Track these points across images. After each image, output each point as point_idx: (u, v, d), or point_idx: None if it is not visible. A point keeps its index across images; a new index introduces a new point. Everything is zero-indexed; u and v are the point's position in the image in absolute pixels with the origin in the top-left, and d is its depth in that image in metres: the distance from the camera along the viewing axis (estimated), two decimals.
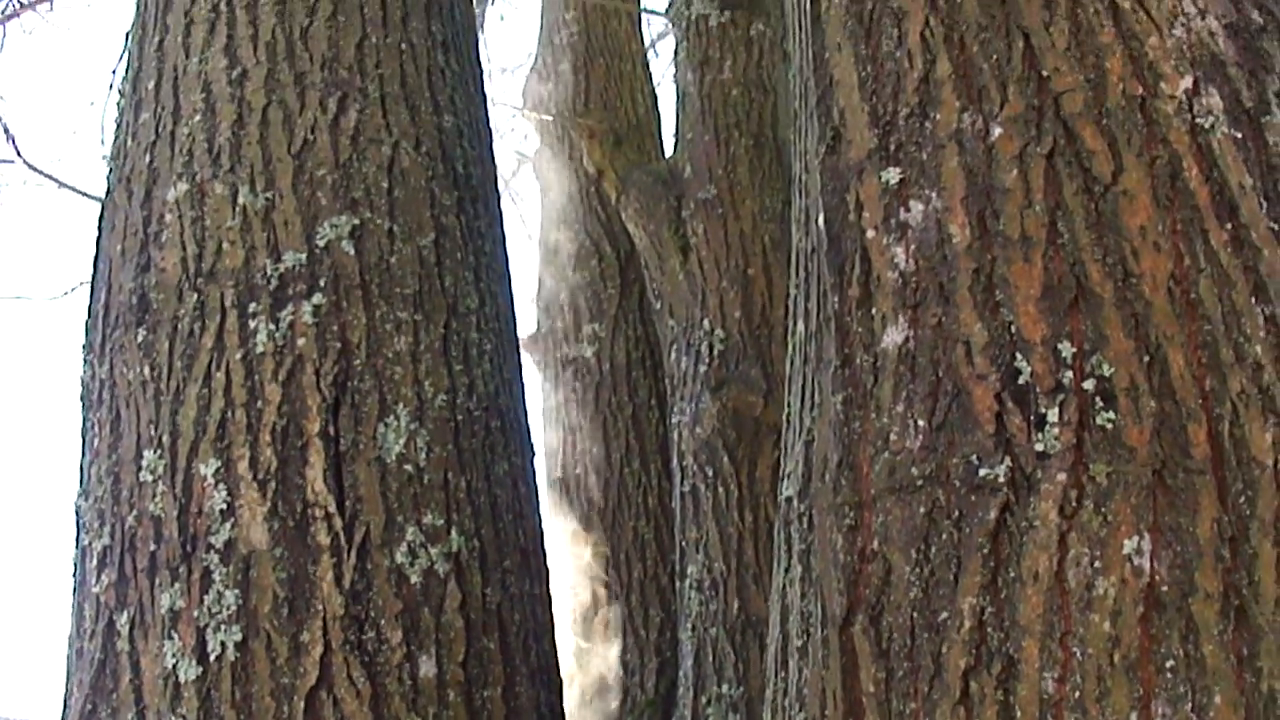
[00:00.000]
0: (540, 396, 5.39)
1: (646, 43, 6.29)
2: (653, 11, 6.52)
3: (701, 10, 4.80)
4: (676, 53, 4.95)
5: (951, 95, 2.32)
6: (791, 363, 2.50)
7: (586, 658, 4.82)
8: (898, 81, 2.39)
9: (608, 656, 4.73)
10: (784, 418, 2.48)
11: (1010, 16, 2.34)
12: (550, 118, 5.51)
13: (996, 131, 2.26)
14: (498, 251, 3.17)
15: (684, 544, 4.17)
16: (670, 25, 5.18)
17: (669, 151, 5.00)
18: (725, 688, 3.96)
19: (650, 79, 5.79)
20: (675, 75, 4.93)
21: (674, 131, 4.87)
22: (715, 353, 4.19)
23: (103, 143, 6.77)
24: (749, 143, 4.54)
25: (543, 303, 5.42)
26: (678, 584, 4.23)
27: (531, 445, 3.07)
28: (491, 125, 3.49)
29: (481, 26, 7.46)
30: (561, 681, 2.91)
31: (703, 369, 4.19)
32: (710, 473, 4.11)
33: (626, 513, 4.91)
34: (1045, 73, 2.28)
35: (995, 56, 2.32)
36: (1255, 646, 1.98)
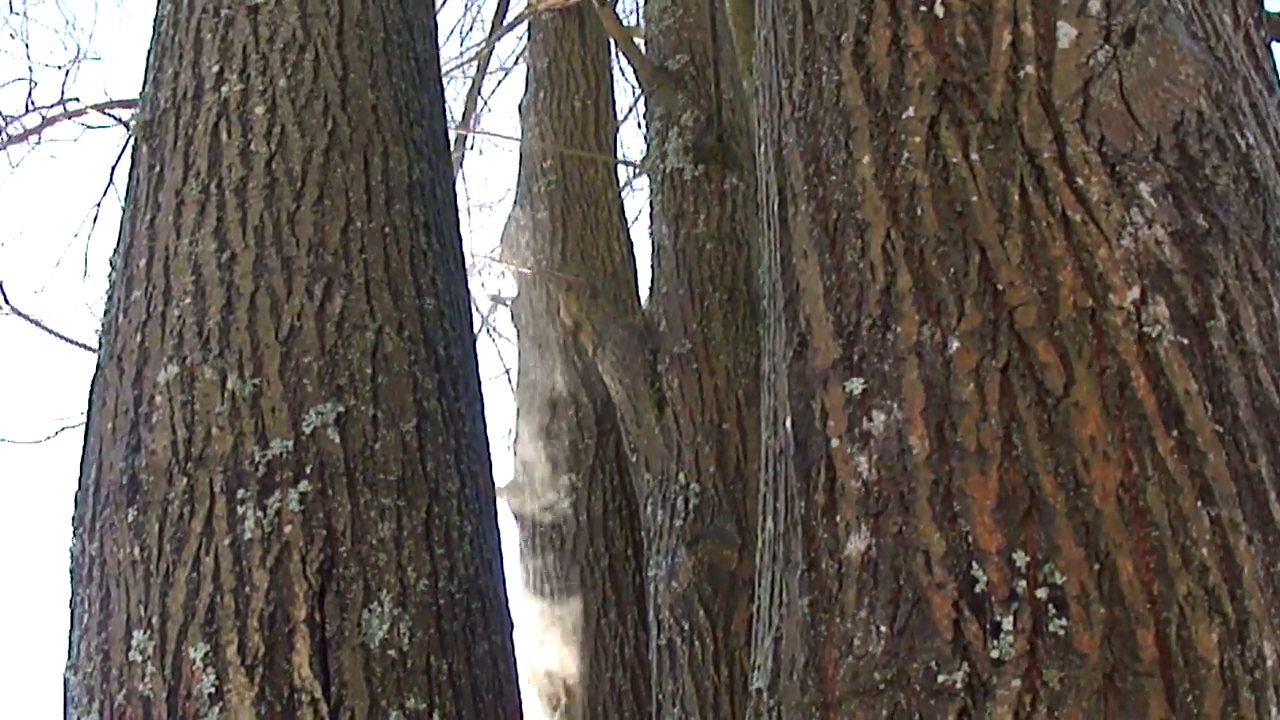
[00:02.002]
0: (517, 546, 5.49)
1: (623, 184, 6.43)
2: (628, 163, 6.68)
3: (675, 164, 4.95)
4: (651, 206, 5.09)
5: (912, 308, 2.46)
6: (761, 558, 2.63)
7: None
8: (861, 292, 2.53)
9: None
10: (754, 609, 2.61)
11: (967, 230, 2.48)
12: (528, 270, 5.65)
13: (954, 345, 2.40)
14: (478, 431, 3.30)
15: (660, 697, 4.26)
16: (646, 176, 5.33)
17: (645, 297, 5.13)
18: None
19: (626, 226, 5.93)
20: (650, 228, 5.07)
21: (649, 283, 5.00)
22: (690, 506, 4.31)
23: (85, 275, 6.90)
24: (723, 296, 4.67)
25: (520, 452, 5.53)
26: None
27: (511, 621, 3.19)
28: (470, 301, 3.63)
29: (460, 165, 7.62)
30: None
31: (678, 523, 4.31)
32: (686, 626, 4.22)
33: (604, 664, 5.01)
34: (1000, 286, 2.42)
35: (953, 270, 2.46)
36: None
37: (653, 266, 4.95)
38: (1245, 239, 2.56)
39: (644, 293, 5.32)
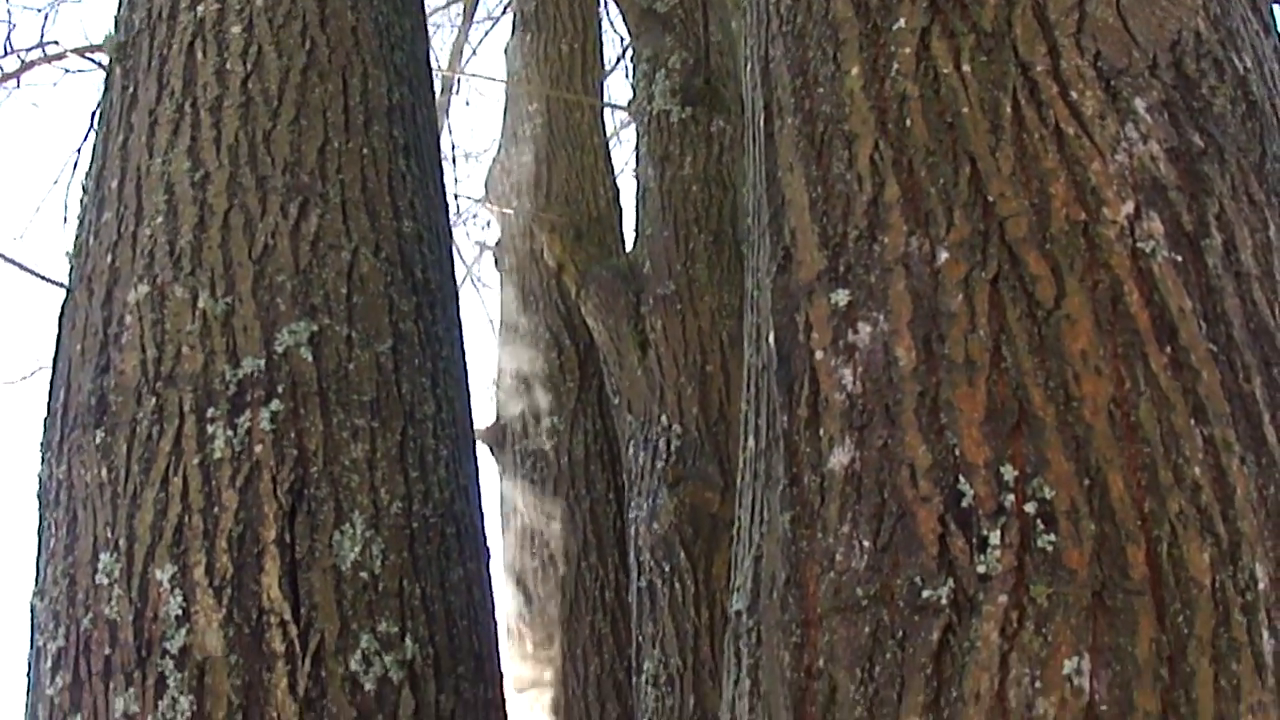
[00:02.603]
0: (498, 488, 5.42)
1: (609, 133, 6.36)
2: (615, 105, 6.60)
3: (663, 106, 4.88)
4: (638, 148, 5.02)
5: (899, 219, 2.39)
6: (742, 477, 2.55)
7: None
8: (847, 204, 2.46)
9: None
10: (734, 531, 2.54)
11: (957, 141, 2.41)
12: (511, 211, 5.58)
13: (943, 256, 2.33)
14: (455, 356, 3.23)
15: (641, 639, 4.20)
16: (632, 120, 5.25)
17: (629, 245, 5.06)
18: None
19: (612, 172, 5.86)
20: (636, 170, 5.00)
21: (634, 226, 4.93)
22: (672, 448, 4.24)
23: (65, 220, 6.81)
24: (708, 239, 4.61)
25: (502, 394, 5.47)
26: (634, 680, 4.27)
27: (487, 550, 3.11)
28: (451, 227, 3.55)
29: (446, 113, 7.54)
30: None
31: (660, 465, 4.24)
32: (667, 569, 4.15)
33: (584, 607, 4.95)
34: (990, 198, 2.35)
35: (942, 180, 2.39)
36: None
37: (638, 209, 4.88)
38: (1242, 160, 2.50)
39: (629, 239, 5.23)
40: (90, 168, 3.39)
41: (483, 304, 7.65)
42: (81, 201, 3.35)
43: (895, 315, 2.32)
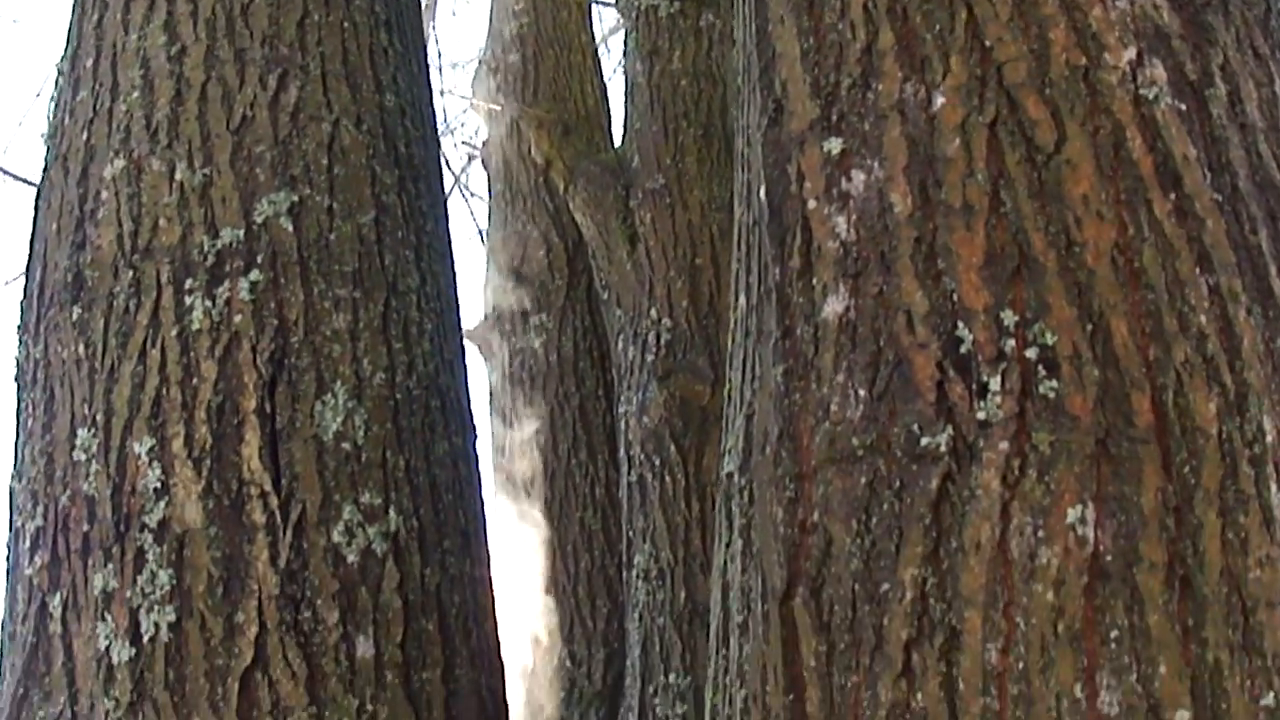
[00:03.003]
0: (486, 388, 5.35)
1: (598, 36, 6.24)
2: (603, 2, 6.48)
3: (651, 1, 4.76)
4: (626, 44, 4.91)
5: (894, 65, 2.29)
6: (733, 338, 2.46)
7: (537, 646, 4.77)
8: (840, 53, 2.35)
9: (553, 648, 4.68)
10: (725, 393, 2.44)
11: None
12: (499, 107, 5.47)
13: (939, 101, 2.23)
14: (439, 232, 3.12)
15: (631, 534, 4.12)
16: (620, 16, 5.14)
17: (618, 144, 4.95)
18: (673, 677, 3.91)
19: (600, 71, 5.74)
20: (624, 66, 4.89)
21: (623, 122, 4.82)
22: (662, 342, 4.15)
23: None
24: (698, 133, 4.50)
25: (490, 293, 5.37)
26: (625, 574, 4.19)
27: (474, 427, 3.02)
28: (435, 107, 3.44)
29: (432, 18, 7.41)
30: (503, 665, 2.86)
31: (650, 358, 4.15)
32: (657, 462, 4.06)
33: (573, 504, 4.86)
34: (988, 43, 2.25)
35: (938, 27, 2.28)
36: (1201, 616, 1.94)
37: (626, 104, 4.77)
38: (1246, 13, 2.41)
39: (617, 138, 5.11)
40: (65, 49, 3.27)
41: (471, 215, 7.53)
42: (57, 83, 3.24)
43: (890, 162, 2.22)
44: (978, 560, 1.97)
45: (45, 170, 3.08)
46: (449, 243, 3.19)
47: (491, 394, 5.31)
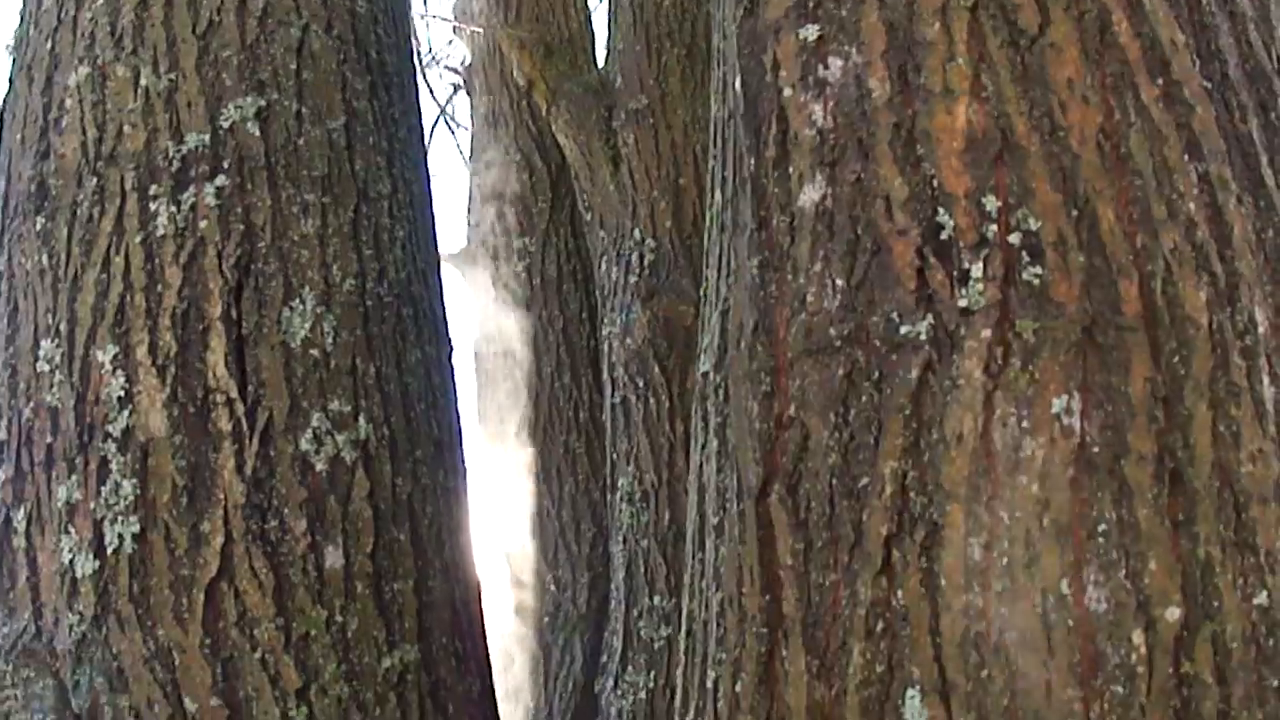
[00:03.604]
0: (470, 312, 5.24)
1: None
2: None
3: None
4: None
5: None
6: (709, 235, 2.34)
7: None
8: None
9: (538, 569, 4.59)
10: (701, 292, 2.33)
11: None
12: (481, 30, 5.34)
13: None
14: (413, 141, 2.99)
15: (615, 457, 4.02)
16: None
17: (601, 64, 4.82)
18: (657, 599, 3.81)
19: None
20: None
21: (606, 42, 4.69)
22: (646, 263, 4.03)
23: None
24: (681, 53, 4.37)
25: (473, 218, 5.25)
26: (609, 498, 4.09)
27: (449, 339, 2.90)
28: (410, 16, 3.31)
29: None
30: (478, 580, 2.75)
31: (633, 279, 4.04)
32: (641, 384, 3.96)
33: (557, 428, 4.76)
34: None
35: None
36: (1191, 511, 1.84)
37: (610, 24, 4.64)
38: None
39: (600, 58, 4.98)
40: None
41: (457, 146, 7.36)
42: None
43: (868, 47, 2.10)
44: (960, 452, 1.86)
45: (10, 82, 2.95)
46: (423, 152, 3.06)
47: (474, 317, 5.20)
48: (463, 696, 2.55)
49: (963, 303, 1.91)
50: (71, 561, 2.42)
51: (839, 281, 1.99)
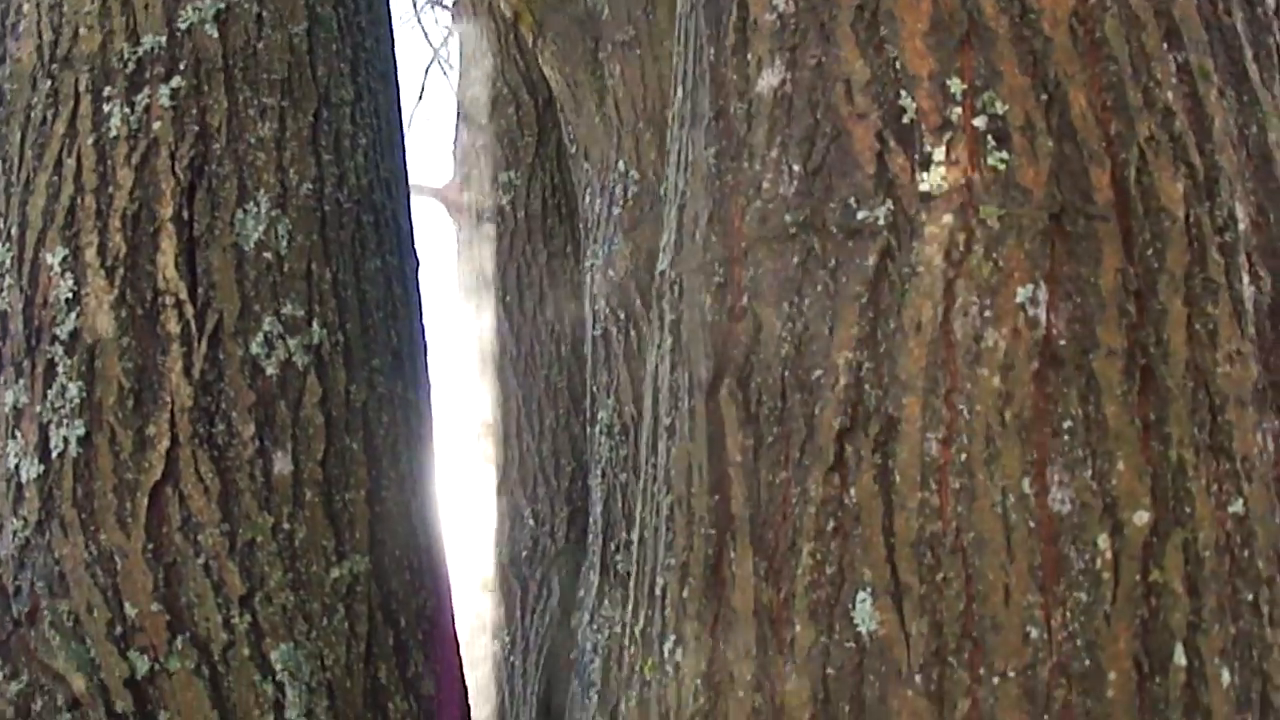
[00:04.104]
0: (455, 247, 5.12)
1: None
2: None
3: None
4: None
5: None
6: (671, 131, 2.20)
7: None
8: None
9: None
10: (661, 191, 2.19)
11: None
12: None
13: None
14: (381, 52, 2.85)
15: (595, 389, 3.88)
16: None
17: None
18: (634, 533, 3.68)
19: None
20: None
21: None
22: (629, 194, 3.89)
23: None
24: None
25: (459, 152, 5.13)
26: (589, 430, 3.96)
27: (415, 252, 2.76)
28: None
29: None
30: (436, 493, 2.62)
31: (616, 211, 3.90)
32: (622, 315, 3.82)
33: (538, 361, 4.63)
34: None
35: None
36: (1164, 411, 1.70)
37: None
38: None
39: None
40: None
41: (451, 90, 7.22)
42: None
43: None
44: (918, 342, 1.72)
45: None
46: (392, 65, 2.92)
47: (459, 254, 5.07)
48: (416, 611, 2.43)
49: (924, 187, 1.77)
50: (17, 467, 2.31)
51: (796, 168, 1.86)
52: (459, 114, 5.18)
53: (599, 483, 3.78)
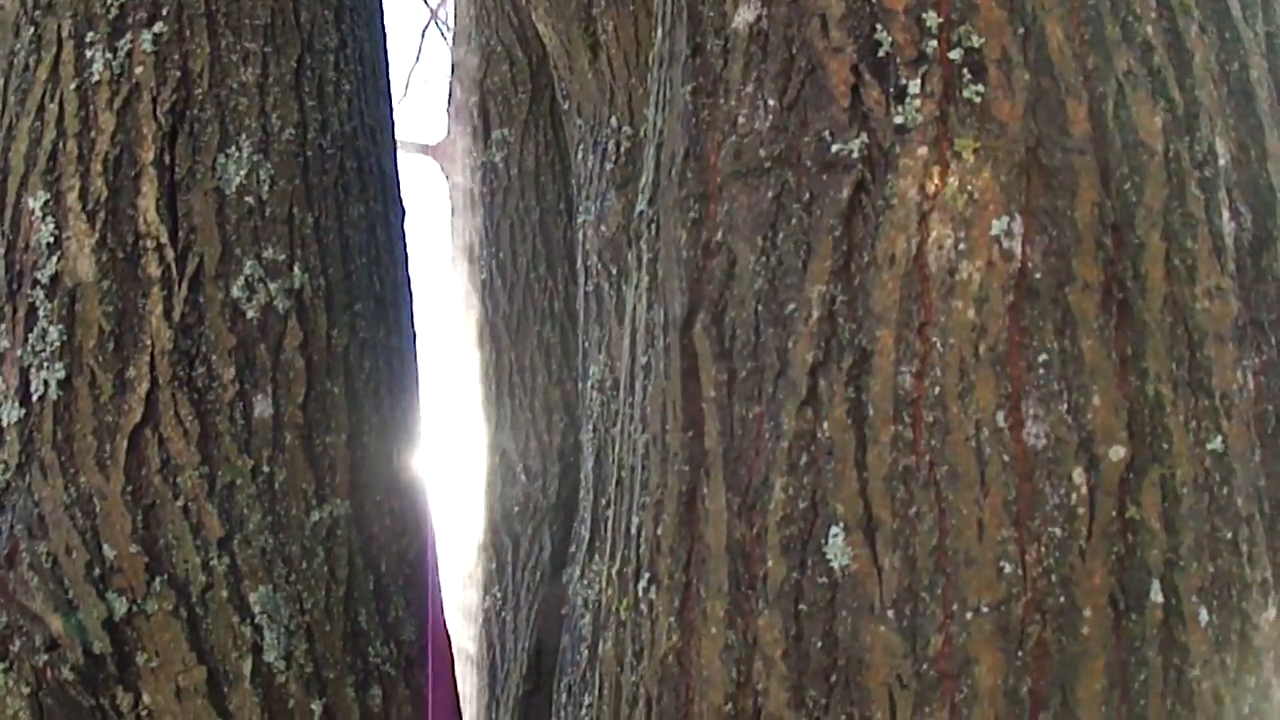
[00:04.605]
0: (448, 205, 5.08)
1: None
2: None
3: None
4: None
5: None
6: (651, 73, 2.17)
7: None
8: None
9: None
10: (642, 133, 2.16)
11: None
12: None
13: None
14: (367, 2, 2.81)
15: (587, 345, 3.85)
16: None
17: None
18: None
19: None
20: None
21: None
22: (622, 150, 3.85)
23: None
24: None
25: (453, 109, 5.09)
26: (580, 386, 3.93)
27: (400, 201, 2.73)
28: None
29: None
30: (420, 441, 2.59)
31: (609, 166, 3.86)
32: (614, 271, 3.78)
33: (531, 318, 4.59)
34: None
35: None
36: (1141, 345, 1.67)
37: None
38: None
39: None
40: None
41: (448, 52, 7.16)
42: None
43: None
44: (891, 275, 1.69)
45: None
46: (378, 13, 2.88)
47: (453, 210, 5.03)
48: (398, 556, 2.40)
49: (898, 120, 1.74)
50: None
51: (771, 102, 1.82)
52: (453, 72, 5.14)
53: (590, 438, 3.75)
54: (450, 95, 5.10)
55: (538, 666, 4.01)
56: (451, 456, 4.50)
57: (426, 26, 6.72)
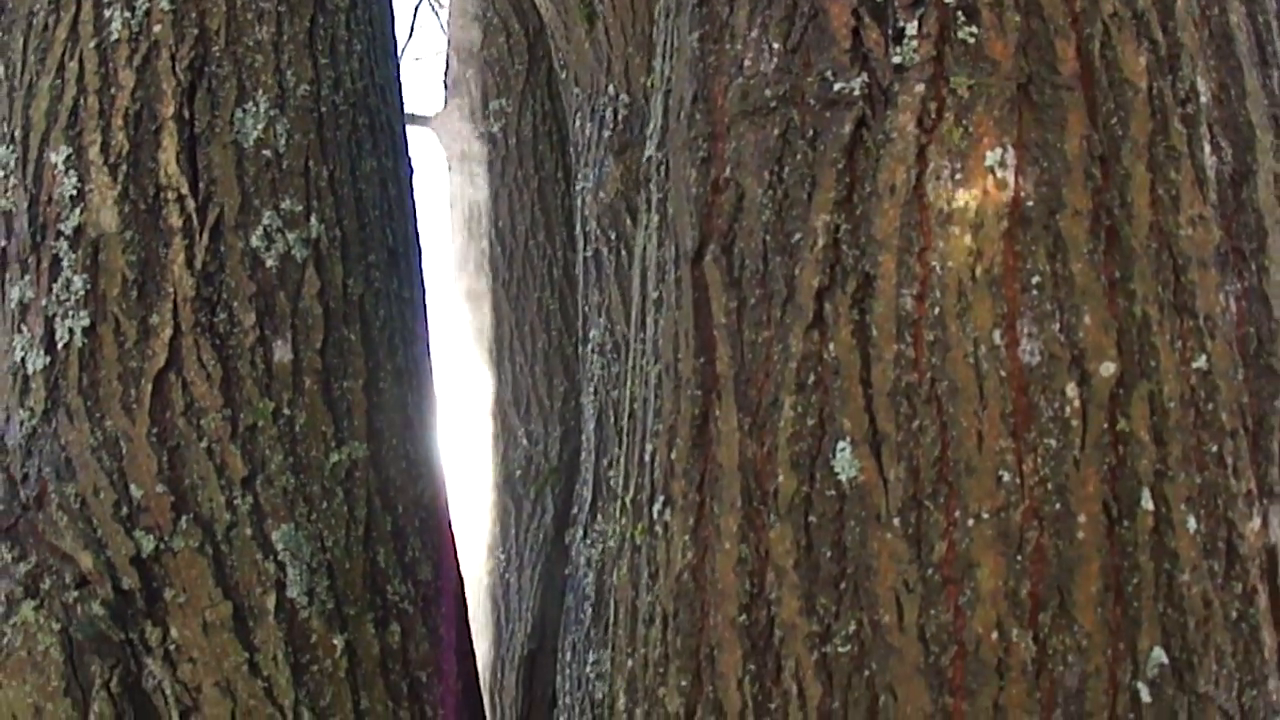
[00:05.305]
0: (446, 175, 5.20)
1: None
2: None
3: None
4: None
5: None
6: (658, 25, 2.31)
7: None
8: None
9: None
10: (649, 84, 2.29)
11: None
12: None
13: None
14: None
15: (586, 309, 3.98)
16: None
17: None
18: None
19: None
20: None
21: None
22: (619, 117, 3.98)
23: None
24: None
25: (450, 81, 5.21)
26: (580, 350, 4.05)
27: (409, 158, 2.86)
28: None
29: None
30: (434, 389, 2.72)
31: (606, 134, 3.99)
32: (613, 236, 3.91)
33: (531, 284, 4.72)
34: None
35: None
36: (1128, 269, 1.82)
37: None
38: None
39: None
40: None
41: (442, 29, 7.25)
42: None
43: None
44: (892, 204, 1.83)
45: None
46: None
47: (451, 179, 5.16)
48: (414, 499, 2.54)
49: (897, 60, 1.88)
50: (23, 359, 2.40)
51: (776, 45, 1.97)
52: (449, 43, 5.26)
53: (591, 400, 3.88)
54: (447, 67, 5.22)
55: (542, 627, 4.14)
56: (454, 423, 4.62)
57: (419, 3, 6.84)
